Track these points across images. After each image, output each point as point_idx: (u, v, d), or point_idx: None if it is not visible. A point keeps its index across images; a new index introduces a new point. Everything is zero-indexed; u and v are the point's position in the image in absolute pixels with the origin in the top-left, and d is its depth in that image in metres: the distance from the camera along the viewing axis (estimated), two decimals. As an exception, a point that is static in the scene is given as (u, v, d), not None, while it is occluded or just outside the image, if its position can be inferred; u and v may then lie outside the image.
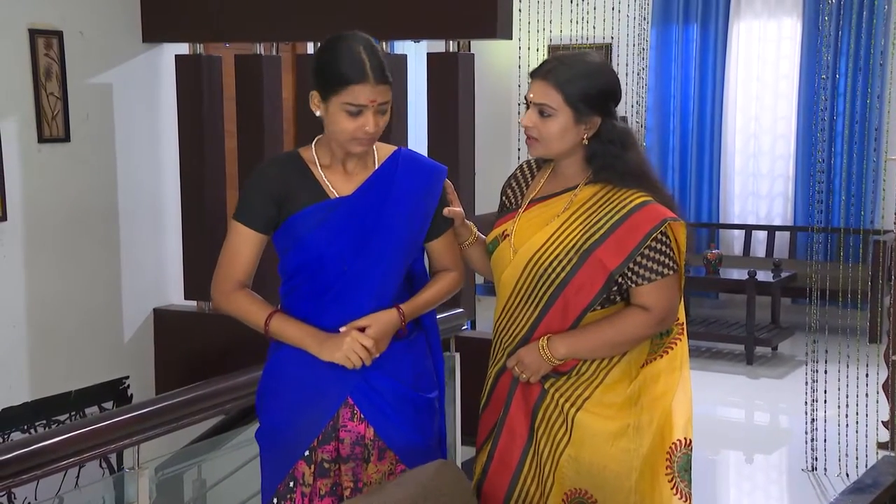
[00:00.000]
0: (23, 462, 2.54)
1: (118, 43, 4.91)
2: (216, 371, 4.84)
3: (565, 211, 2.44)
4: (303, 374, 2.43)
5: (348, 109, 2.32)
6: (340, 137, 2.36)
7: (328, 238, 2.38)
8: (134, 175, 4.98)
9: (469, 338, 4.41)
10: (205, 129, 4.97)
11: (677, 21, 8.09)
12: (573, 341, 2.41)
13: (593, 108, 2.40)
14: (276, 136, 4.94)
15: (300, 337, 2.40)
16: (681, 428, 2.46)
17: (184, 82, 4.99)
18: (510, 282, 2.47)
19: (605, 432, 2.41)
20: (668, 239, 2.41)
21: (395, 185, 2.43)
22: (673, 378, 2.46)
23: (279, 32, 4.88)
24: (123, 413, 2.79)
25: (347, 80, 2.31)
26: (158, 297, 5.15)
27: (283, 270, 2.46)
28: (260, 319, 2.41)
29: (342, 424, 2.45)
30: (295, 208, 2.39)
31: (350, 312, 2.40)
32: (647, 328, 2.42)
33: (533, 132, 2.43)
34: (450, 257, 2.55)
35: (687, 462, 2.47)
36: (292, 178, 2.41)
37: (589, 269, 2.39)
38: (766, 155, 8.04)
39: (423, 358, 2.54)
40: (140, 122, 5.02)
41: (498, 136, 8.33)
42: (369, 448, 2.46)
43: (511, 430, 2.48)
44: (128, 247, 4.96)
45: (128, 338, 5.02)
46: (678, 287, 2.46)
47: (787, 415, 5.84)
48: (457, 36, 4.44)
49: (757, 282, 6.63)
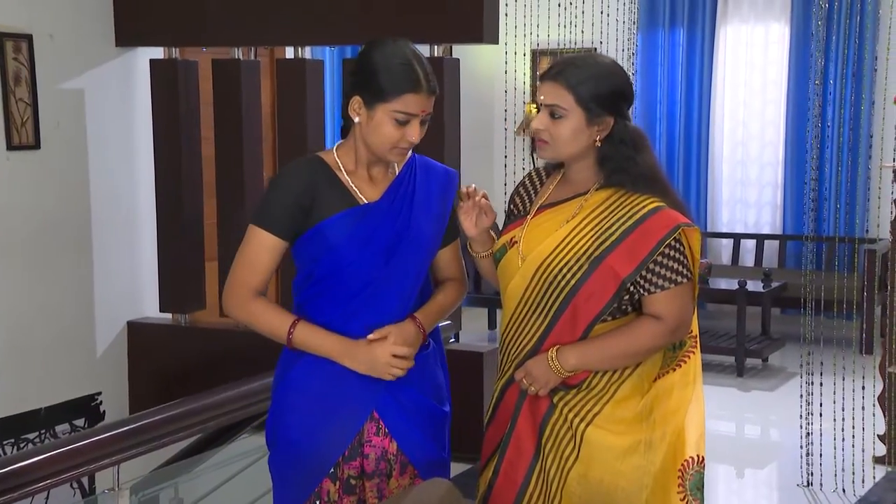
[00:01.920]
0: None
1: (90, 47, 4.87)
2: (192, 386, 4.79)
3: (575, 216, 2.43)
4: (327, 387, 2.41)
5: (397, 118, 2.34)
6: (382, 145, 2.37)
7: (361, 244, 2.38)
8: (107, 183, 4.93)
9: (454, 350, 4.39)
10: (181, 135, 4.93)
11: (663, 25, 8.10)
12: (583, 352, 2.39)
13: (605, 108, 2.39)
14: (255, 142, 4.91)
15: (328, 346, 2.39)
16: (693, 444, 2.44)
17: (159, 87, 4.95)
18: (518, 290, 2.45)
19: (615, 448, 2.39)
20: (681, 246, 2.40)
21: (417, 190, 2.45)
22: (686, 393, 2.45)
23: (258, 37, 4.85)
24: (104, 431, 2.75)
25: (401, 88, 2.33)
26: (132, 310, 5.11)
27: (306, 277, 2.44)
28: (283, 328, 2.38)
29: (367, 439, 2.44)
30: (325, 214, 2.37)
31: (377, 319, 2.40)
32: (659, 338, 2.40)
33: (544, 135, 2.42)
34: (456, 266, 2.57)
35: (699, 480, 2.45)
36: (320, 183, 2.39)
37: (600, 276, 2.37)
38: (754, 162, 8.06)
39: (438, 370, 2.54)
40: (113, 128, 4.97)
41: (481, 141, 8.31)
42: (392, 463, 2.45)
43: (518, 445, 2.46)
44: (101, 257, 4.91)
45: (100, 352, 4.97)
46: (692, 296, 2.44)
47: (779, 428, 5.84)
48: (443, 41, 4.43)
49: (747, 292, 6.64)
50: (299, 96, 4.69)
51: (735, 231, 8.07)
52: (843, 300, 4.77)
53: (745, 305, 6.60)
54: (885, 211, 4.64)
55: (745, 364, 6.61)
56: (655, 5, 8.09)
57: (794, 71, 7.76)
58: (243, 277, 2.39)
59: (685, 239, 2.40)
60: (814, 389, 4.54)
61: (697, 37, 8.03)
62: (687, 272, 2.40)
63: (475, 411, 4.34)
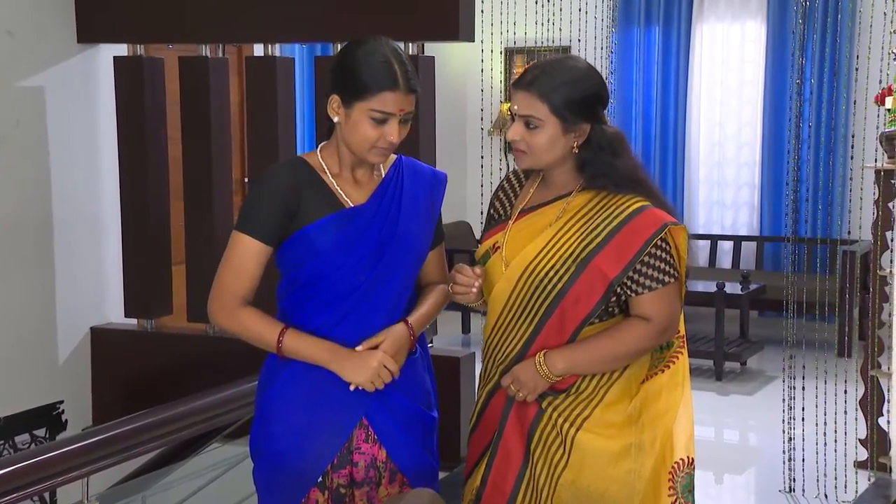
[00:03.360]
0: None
1: (51, 43, 4.78)
2: (158, 394, 4.72)
3: (559, 219, 2.43)
4: (315, 395, 2.39)
5: (374, 117, 2.32)
6: (360, 145, 2.35)
7: (347, 248, 2.36)
8: (69, 184, 4.85)
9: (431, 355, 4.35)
10: (146, 135, 4.86)
11: (639, 23, 8.11)
12: (571, 355, 2.39)
13: (580, 115, 2.40)
14: (224, 142, 4.84)
15: (318, 353, 2.37)
16: (683, 447, 2.46)
17: (123, 86, 4.87)
18: (503, 296, 2.44)
19: (606, 453, 2.39)
20: (668, 245, 2.41)
21: (405, 193, 2.43)
22: (675, 395, 2.46)
23: (226, 34, 4.78)
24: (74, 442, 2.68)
25: (378, 86, 2.31)
26: (96, 315, 5.02)
27: (291, 282, 2.41)
28: (272, 337, 2.36)
29: (356, 447, 2.42)
30: (310, 218, 2.35)
31: (366, 324, 2.39)
32: (648, 340, 2.41)
33: (521, 145, 2.42)
34: (441, 270, 2.57)
35: (690, 482, 2.47)
36: (304, 187, 2.37)
37: (587, 278, 2.37)
38: (730, 163, 8.09)
39: (425, 375, 2.53)
40: (76, 127, 4.89)
41: (453, 142, 8.28)
42: (381, 471, 2.44)
43: (506, 453, 2.45)
44: (63, 261, 4.83)
45: (62, 359, 4.89)
46: (679, 296, 2.45)
47: (760, 433, 5.85)
48: (418, 38, 4.39)
49: (726, 294, 6.65)
50: (269, 95, 4.63)
51: (712, 233, 8.09)
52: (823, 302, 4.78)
53: (723, 308, 6.62)
54: (867, 212, 4.64)
55: (723, 368, 6.62)
56: (631, 3, 8.10)
57: (770, 70, 7.79)
58: (229, 285, 2.36)
59: (671, 238, 2.41)
60: (796, 394, 4.54)
61: (673, 35, 8.05)
62: (674, 272, 2.41)
63: (453, 418, 4.31)
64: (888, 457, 4.60)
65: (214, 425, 3.12)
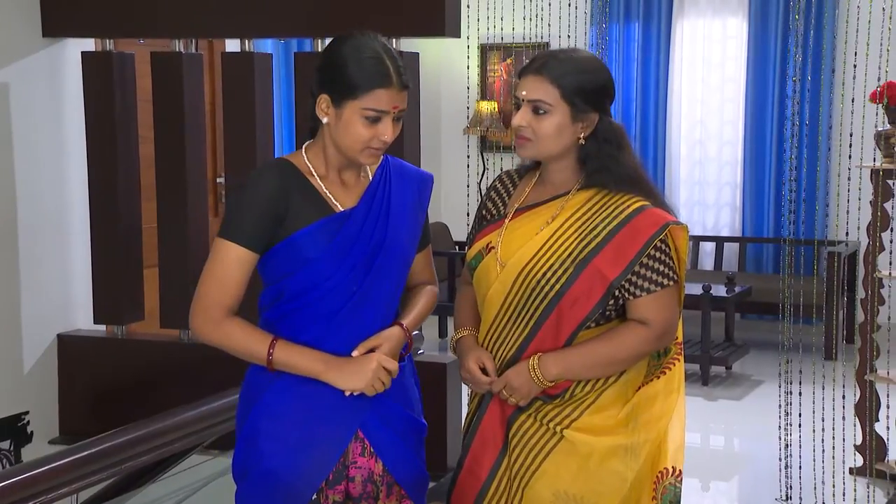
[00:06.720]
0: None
1: (14, 37, 4.71)
2: (129, 405, 4.67)
3: (556, 218, 2.42)
4: (308, 408, 2.33)
5: (367, 115, 2.28)
6: (353, 146, 2.31)
7: (338, 256, 2.31)
8: (35, 185, 4.78)
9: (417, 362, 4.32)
10: (116, 133, 4.79)
11: (618, 19, 8.13)
12: (566, 360, 2.38)
13: (590, 104, 2.40)
14: (198, 141, 4.79)
15: (311, 365, 2.31)
16: (671, 455, 2.43)
17: (91, 82, 4.80)
18: (497, 298, 2.43)
19: (594, 450, 2.38)
20: (667, 247, 2.40)
21: (393, 195, 2.40)
22: (670, 401, 2.45)
23: (200, 28, 4.72)
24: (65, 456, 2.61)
25: (370, 83, 2.26)
26: (63, 322, 4.96)
27: (278, 293, 2.35)
28: (261, 348, 2.30)
29: (352, 461, 2.38)
30: (299, 224, 2.30)
31: (358, 333, 2.35)
32: (646, 344, 2.40)
33: (526, 132, 2.41)
34: (429, 272, 2.57)
35: (675, 494, 2.44)
36: (292, 190, 2.31)
37: (586, 279, 2.36)
38: (712, 162, 8.13)
39: (412, 381, 2.51)
40: (42, 125, 4.82)
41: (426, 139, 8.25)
42: (378, 485, 2.40)
43: (483, 438, 2.45)
44: (28, 265, 4.75)
45: (28, 368, 4.81)
46: (678, 300, 2.45)
47: (751, 439, 5.86)
48: (403, 34, 4.36)
49: (712, 297, 6.67)
50: (247, 93, 4.58)
51: (694, 234, 8.13)
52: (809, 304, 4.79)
53: (710, 311, 6.64)
54: (854, 212, 4.66)
55: (710, 372, 6.64)
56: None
57: (752, 67, 7.84)
58: (214, 296, 2.29)
59: (671, 240, 2.41)
60: (792, 399, 4.56)
61: (653, 31, 8.08)
62: (673, 274, 2.41)
63: (439, 426, 4.29)
64: (885, 463, 4.63)
65: (210, 436, 3.06)
